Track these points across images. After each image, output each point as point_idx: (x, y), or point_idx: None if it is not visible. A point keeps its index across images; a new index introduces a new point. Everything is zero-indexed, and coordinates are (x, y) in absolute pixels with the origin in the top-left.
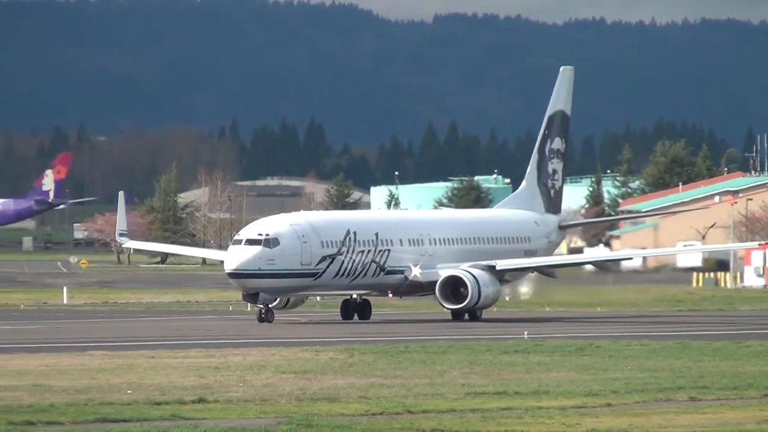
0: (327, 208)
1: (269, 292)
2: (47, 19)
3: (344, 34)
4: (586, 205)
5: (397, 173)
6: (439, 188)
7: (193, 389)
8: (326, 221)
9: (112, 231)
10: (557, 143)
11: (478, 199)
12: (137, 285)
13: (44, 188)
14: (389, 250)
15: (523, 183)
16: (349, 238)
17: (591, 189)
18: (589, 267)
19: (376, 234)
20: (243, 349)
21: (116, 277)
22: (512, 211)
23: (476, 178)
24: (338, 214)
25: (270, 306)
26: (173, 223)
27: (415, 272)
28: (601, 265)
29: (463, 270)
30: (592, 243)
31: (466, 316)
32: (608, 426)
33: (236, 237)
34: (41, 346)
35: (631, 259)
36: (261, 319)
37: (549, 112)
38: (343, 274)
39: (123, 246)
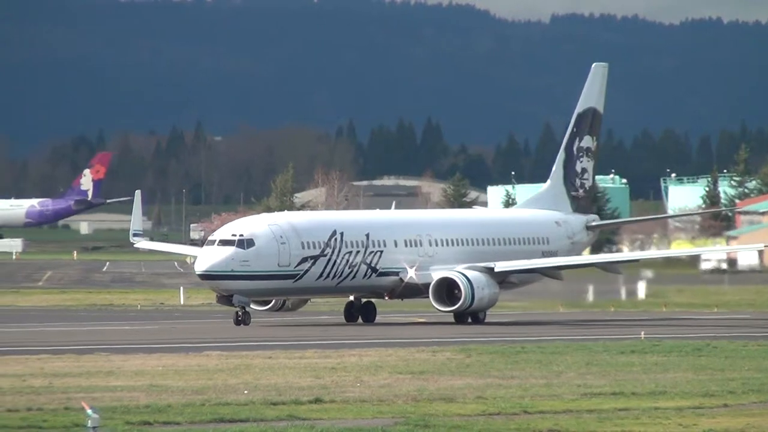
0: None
1: (244, 294)
2: (164, 19)
3: (461, 34)
4: (703, 205)
5: (513, 173)
6: None
7: (310, 389)
8: (309, 222)
9: None
10: (587, 141)
11: (594, 199)
12: None
13: (83, 188)
14: (381, 252)
15: (548, 182)
16: (335, 239)
17: (707, 189)
18: (706, 267)
19: (367, 234)
20: (359, 350)
21: None
22: (531, 211)
23: None
24: (323, 215)
25: (254, 308)
26: None
27: (411, 274)
28: (608, 267)
29: (456, 272)
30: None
31: (469, 319)
32: (725, 426)
33: (210, 237)
34: (158, 347)
35: (637, 261)
36: (237, 322)
37: (579, 109)
38: (327, 276)
39: (135, 246)
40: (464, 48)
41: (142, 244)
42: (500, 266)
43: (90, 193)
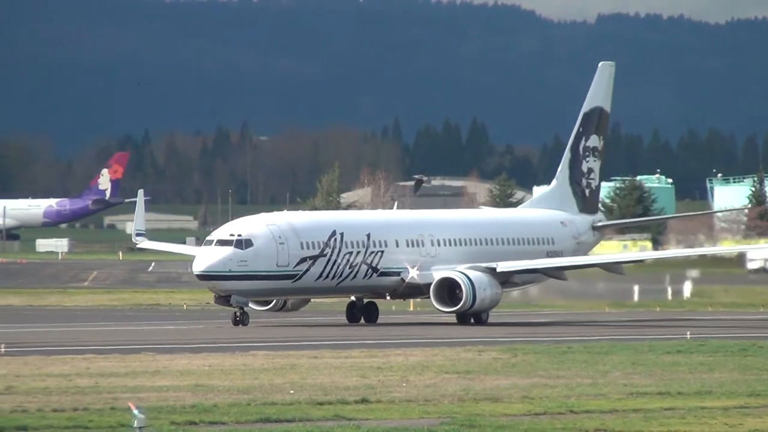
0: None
1: (242, 294)
2: (209, 19)
3: (507, 34)
4: (749, 205)
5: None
6: (602, 188)
7: (356, 389)
8: (308, 222)
9: None
10: (593, 141)
11: (640, 199)
12: None
13: (101, 187)
14: (382, 252)
15: (554, 182)
16: (335, 239)
17: (753, 189)
18: (752, 266)
19: (368, 235)
20: (405, 349)
21: None
22: (536, 211)
23: (638, 177)
24: (323, 215)
25: (255, 309)
26: None
27: (413, 274)
28: (611, 268)
29: (458, 272)
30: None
31: (472, 320)
32: None
33: (208, 237)
34: (204, 347)
35: (643, 261)
36: (236, 322)
37: (585, 108)
38: (327, 276)
39: (138, 246)
40: (510, 48)
41: (145, 243)
42: (502, 266)
43: (108, 193)
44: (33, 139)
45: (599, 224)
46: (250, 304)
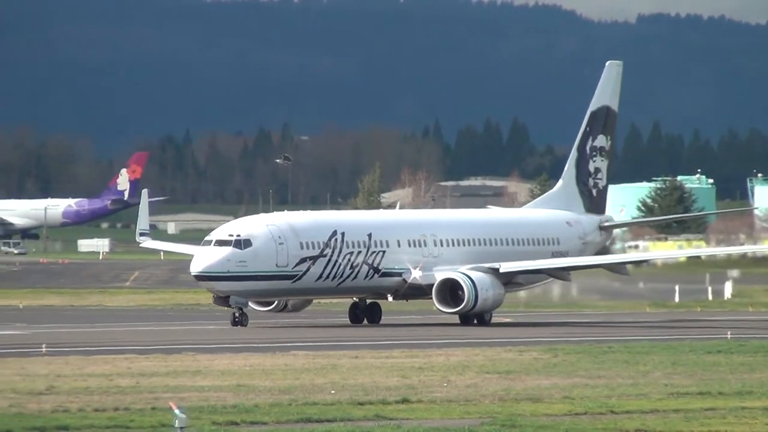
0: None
1: (240, 295)
2: (251, 19)
3: (547, 34)
4: None
5: None
6: (642, 188)
7: (397, 389)
8: (308, 222)
9: None
10: (600, 140)
11: (681, 199)
12: None
13: (119, 188)
14: (384, 252)
15: (560, 182)
16: (335, 239)
17: None
18: None
19: (369, 235)
20: (446, 350)
21: None
22: (542, 211)
23: (679, 178)
24: (324, 215)
25: (257, 309)
26: None
27: (415, 275)
28: (614, 268)
29: (460, 272)
30: None
31: (475, 320)
32: None
33: (206, 238)
34: (245, 347)
35: (646, 261)
36: (234, 323)
37: (592, 108)
38: (327, 277)
39: (141, 245)
40: (550, 48)
41: (148, 243)
42: (505, 267)
43: (126, 193)
44: (74, 139)
45: (606, 224)
46: (251, 305)
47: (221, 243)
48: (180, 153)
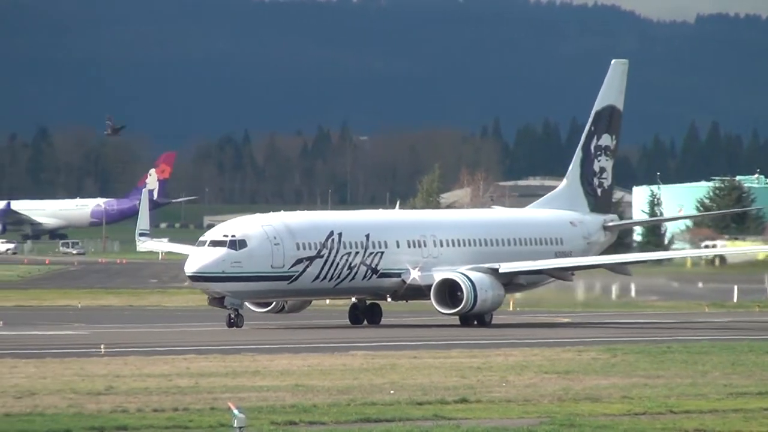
0: None
1: (236, 296)
2: (309, 19)
3: (606, 35)
4: None
5: (659, 173)
6: (701, 188)
7: (455, 389)
8: (305, 222)
9: None
10: (605, 140)
11: (739, 199)
12: None
13: (148, 187)
14: (382, 253)
15: (564, 181)
16: (332, 239)
17: None
18: None
19: (367, 235)
20: (505, 350)
21: None
22: (545, 211)
23: (738, 177)
24: (321, 215)
25: (255, 310)
26: None
27: (414, 275)
28: (616, 268)
29: (459, 273)
30: None
31: (475, 321)
32: None
33: (201, 238)
34: (304, 347)
35: (646, 261)
36: (230, 324)
37: (596, 107)
38: (324, 278)
39: (141, 246)
40: (609, 48)
41: (147, 244)
42: (505, 267)
43: (155, 193)
44: (133, 139)
45: (611, 224)
46: (249, 306)
47: (216, 243)
48: (238, 153)
